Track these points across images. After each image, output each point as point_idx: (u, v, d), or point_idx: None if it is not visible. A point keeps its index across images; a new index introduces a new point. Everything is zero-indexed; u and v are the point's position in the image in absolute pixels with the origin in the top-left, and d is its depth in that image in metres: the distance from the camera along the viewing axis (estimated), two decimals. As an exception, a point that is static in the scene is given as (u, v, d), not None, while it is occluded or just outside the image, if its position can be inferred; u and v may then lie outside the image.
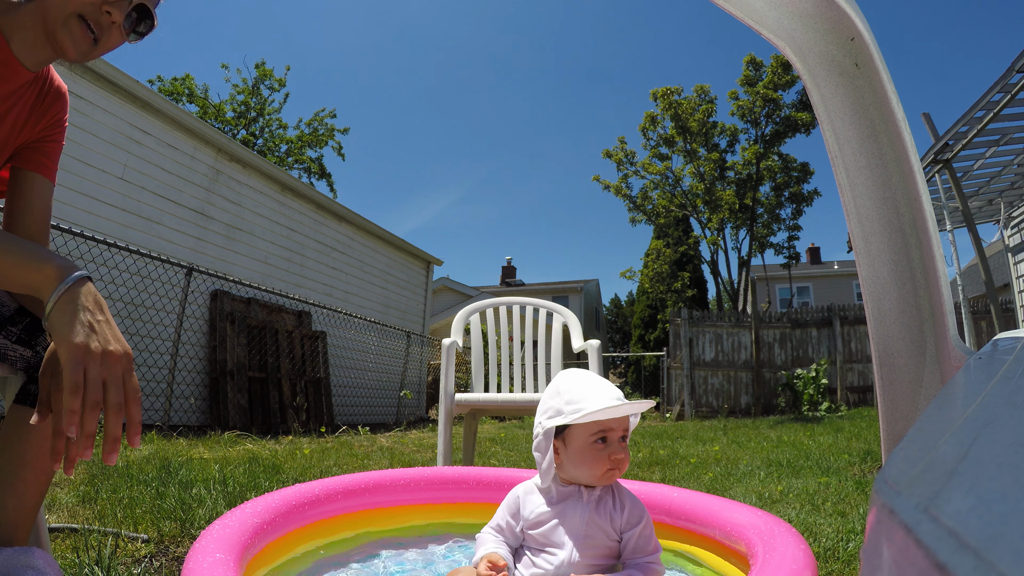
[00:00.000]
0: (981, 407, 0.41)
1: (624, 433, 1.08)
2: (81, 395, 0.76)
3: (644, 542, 1.05)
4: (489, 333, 2.71)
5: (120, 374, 0.80)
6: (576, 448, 1.07)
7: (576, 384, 1.09)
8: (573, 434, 1.07)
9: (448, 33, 57.07)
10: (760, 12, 0.96)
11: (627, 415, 1.09)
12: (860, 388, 10.37)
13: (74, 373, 0.76)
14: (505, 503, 1.14)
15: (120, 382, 0.80)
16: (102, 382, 0.78)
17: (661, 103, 17.33)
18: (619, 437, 1.07)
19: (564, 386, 1.10)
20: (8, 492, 0.96)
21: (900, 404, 0.94)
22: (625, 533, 1.06)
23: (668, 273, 17.67)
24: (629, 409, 1.06)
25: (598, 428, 1.05)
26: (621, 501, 1.08)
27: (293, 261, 8.05)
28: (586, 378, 1.11)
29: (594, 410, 1.02)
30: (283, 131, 17.76)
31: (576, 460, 1.07)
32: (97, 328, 0.80)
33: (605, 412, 1.03)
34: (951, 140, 5.27)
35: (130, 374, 0.82)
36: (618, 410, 1.04)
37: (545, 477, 1.10)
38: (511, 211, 67.55)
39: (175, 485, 2.23)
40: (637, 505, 1.08)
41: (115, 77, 5.56)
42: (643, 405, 1.08)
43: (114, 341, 0.81)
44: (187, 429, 5.42)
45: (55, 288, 0.81)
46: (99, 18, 0.91)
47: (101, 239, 4.69)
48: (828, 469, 3.27)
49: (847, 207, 0.97)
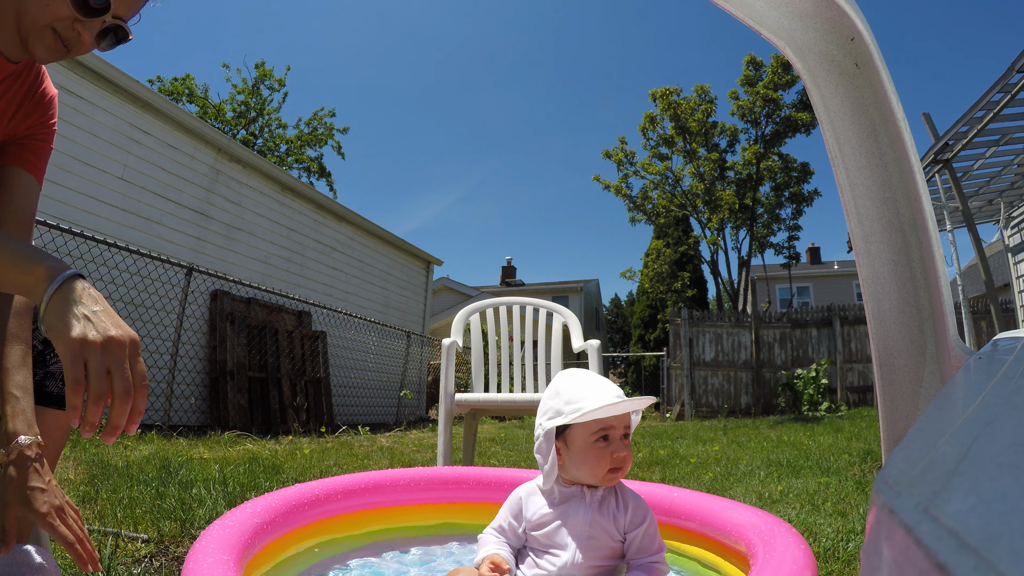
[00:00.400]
0: (981, 407, 0.41)
1: (626, 431, 1.08)
2: (83, 390, 0.74)
3: (648, 542, 1.05)
4: (489, 333, 2.71)
5: (124, 360, 0.77)
6: (578, 448, 1.06)
7: (575, 384, 1.09)
8: (574, 434, 1.07)
9: (448, 33, 57.11)
10: (760, 12, 0.96)
11: (628, 413, 1.08)
12: (860, 388, 10.37)
13: (74, 368, 0.74)
14: (507, 504, 1.14)
15: (125, 369, 0.77)
16: (106, 371, 0.76)
17: (660, 103, 17.34)
18: (621, 436, 1.06)
19: (563, 386, 1.10)
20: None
21: (900, 404, 0.94)
22: (629, 533, 1.05)
23: (668, 273, 17.67)
24: (629, 406, 1.06)
25: (599, 427, 1.05)
26: (624, 501, 1.07)
27: (293, 261, 8.05)
28: (585, 377, 1.11)
29: (593, 408, 1.01)
30: (283, 131, 17.76)
31: (578, 460, 1.06)
32: (94, 318, 0.77)
33: (605, 410, 1.02)
34: (951, 140, 5.27)
35: (136, 359, 0.79)
36: (618, 407, 1.03)
37: (548, 479, 1.09)
38: (511, 211, 67.56)
39: (175, 485, 2.23)
40: (641, 505, 1.08)
41: (115, 77, 5.56)
42: (643, 402, 1.08)
43: (115, 327, 0.78)
44: (187, 429, 5.42)
45: (46, 288, 0.78)
46: (70, 34, 0.91)
47: (101, 239, 4.69)
48: (828, 469, 3.27)
49: (847, 207, 0.97)
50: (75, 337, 0.75)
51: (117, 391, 0.76)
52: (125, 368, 0.77)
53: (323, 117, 17.96)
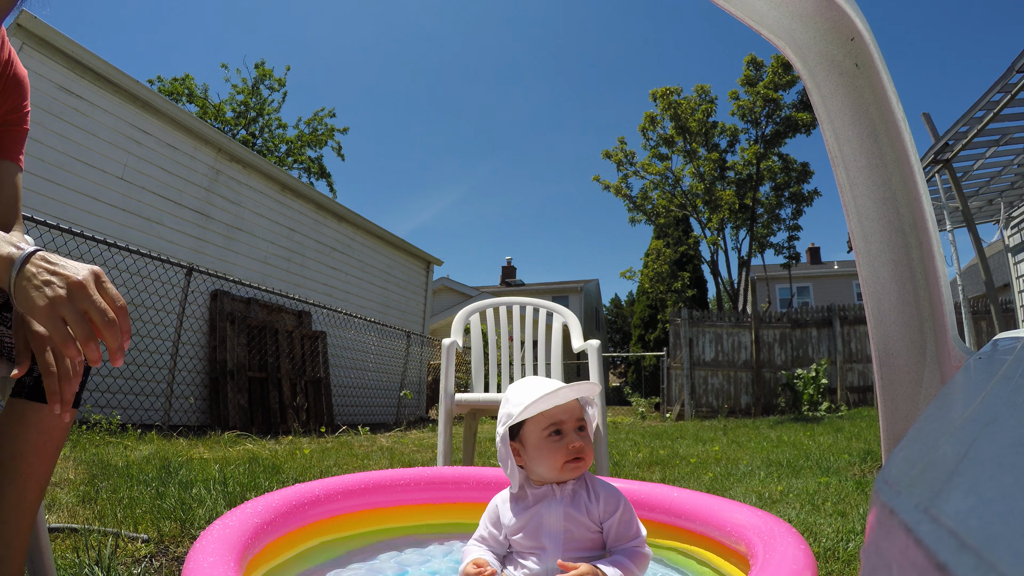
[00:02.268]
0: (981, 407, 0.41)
1: (581, 424, 1.09)
2: (73, 341, 0.78)
3: (625, 528, 1.06)
4: (489, 333, 2.71)
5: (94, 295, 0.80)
6: (532, 446, 1.08)
7: (521, 387, 1.12)
8: (527, 433, 1.09)
9: (448, 33, 57.09)
10: (760, 12, 0.96)
11: (579, 406, 1.10)
12: (860, 388, 10.37)
13: (56, 329, 0.77)
14: (486, 513, 1.15)
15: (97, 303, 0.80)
16: (84, 314, 0.79)
17: (660, 103, 17.34)
18: (575, 428, 1.08)
19: (511, 393, 1.13)
20: (8, 486, 0.95)
21: (900, 404, 0.94)
22: (604, 522, 1.06)
23: (668, 273, 17.66)
24: (568, 393, 1.07)
25: (548, 421, 1.07)
26: (595, 491, 1.08)
27: (293, 261, 8.05)
28: (531, 380, 1.13)
29: (532, 401, 1.04)
30: (283, 131, 17.77)
31: (535, 457, 1.08)
32: (54, 279, 0.80)
33: (544, 400, 1.04)
34: (951, 140, 5.27)
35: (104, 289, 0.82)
36: (555, 396, 1.05)
37: (515, 483, 1.11)
38: (511, 211, 67.60)
39: (175, 485, 2.23)
40: (612, 493, 1.09)
41: (115, 77, 5.56)
42: (583, 388, 1.09)
43: (74, 272, 0.81)
44: (187, 429, 5.42)
45: (8, 277, 0.81)
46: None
47: (101, 239, 4.69)
48: (828, 469, 3.27)
49: (847, 207, 0.97)
50: (44, 306, 0.78)
51: (99, 324, 0.80)
52: (97, 302, 0.80)
53: (323, 117, 17.97)
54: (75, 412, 1.01)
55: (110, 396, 5.17)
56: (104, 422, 4.42)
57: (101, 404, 5.08)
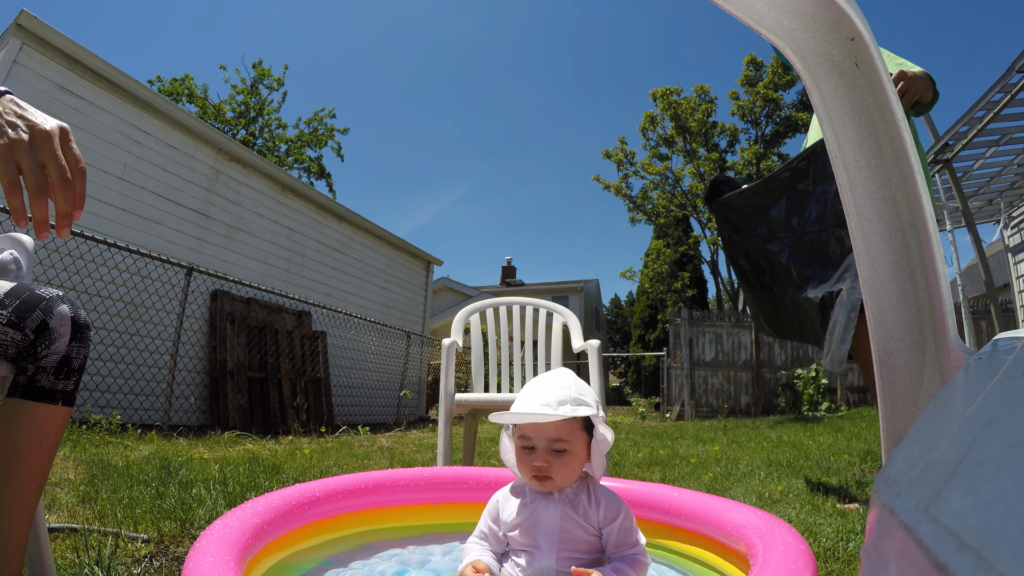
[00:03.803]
0: (981, 407, 0.41)
1: (555, 444, 1.04)
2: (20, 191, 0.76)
3: (625, 535, 1.06)
4: (489, 333, 2.71)
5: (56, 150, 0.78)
6: (514, 450, 1.11)
7: (526, 388, 1.11)
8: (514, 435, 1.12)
9: (448, 33, 57.08)
10: (760, 12, 0.96)
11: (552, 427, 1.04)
12: (860, 388, 10.37)
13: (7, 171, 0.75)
14: (487, 509, 1.16)
15: (58, 157, 0.78)
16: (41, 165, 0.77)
17: (661, 103, 17.34)
18: (548, 447, 1.04)
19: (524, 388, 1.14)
20: (4, 484, 0.95)
21: (900, 404, 0.94)
22: (604, 528, 1.06)
23: (668, 273, 17.67)
24: (528, 417, 1.02)
25: (519, 433, 1.08)
26: (597, 497, 1.08)
27: (293, 261, 8.05)
28: (534, 383, 1.10)
29: (497, 414, 1.06)
30: (282, 131, 17.78)
31: (516, 462, 1.11)
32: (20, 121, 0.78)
33: (500, 416, 1.06)
34: (951, 140, 5.27)
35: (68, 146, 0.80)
36: (513, 415, 1.04)
37: (517, 475, 1.14)
38: (511, 211, 67.62)
39: (175, 485, 2.23)
40: (614, 500, 1.09)
41: (115, 77, 5.56)
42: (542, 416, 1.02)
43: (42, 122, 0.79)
44: (187, 429, 5.42)
45: None
46: None
47: (101, 239, 4.69)
48: (828, 469, 3.27)
49: (847, 207, 0.96)
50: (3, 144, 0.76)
51: (54, 178, 0.78)
52: (58, 156, 0.78)
53: (323, 117, 17.98)
54: (70, 410, 1.01)
55: (110, 396, 5.17)
56: (104, 422, 4.42)
57: (101, 404, 5.08)
